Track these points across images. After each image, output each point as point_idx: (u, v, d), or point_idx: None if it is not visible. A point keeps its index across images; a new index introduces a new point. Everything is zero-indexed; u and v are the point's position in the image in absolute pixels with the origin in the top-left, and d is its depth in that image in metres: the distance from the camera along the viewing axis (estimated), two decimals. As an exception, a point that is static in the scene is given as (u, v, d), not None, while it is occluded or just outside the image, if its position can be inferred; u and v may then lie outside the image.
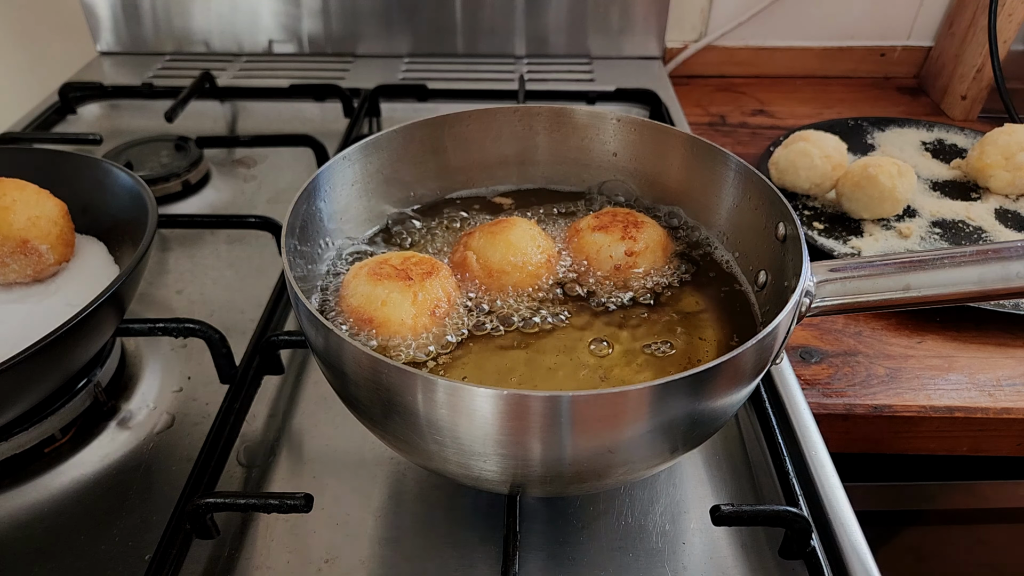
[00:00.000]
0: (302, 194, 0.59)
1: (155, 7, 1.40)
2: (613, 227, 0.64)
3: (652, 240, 0.64)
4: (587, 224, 0.66)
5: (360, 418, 0.54)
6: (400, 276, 0.57)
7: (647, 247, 0.64)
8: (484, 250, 0.62)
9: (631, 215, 0.66)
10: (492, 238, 0.62)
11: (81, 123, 1.24)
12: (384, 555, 0.58)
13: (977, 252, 0.55)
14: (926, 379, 0.78)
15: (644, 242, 0.64)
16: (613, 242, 0.63)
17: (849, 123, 1.20)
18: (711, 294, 0.63)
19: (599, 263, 0.64)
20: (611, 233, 0.64)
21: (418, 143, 0.70)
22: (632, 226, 0.64)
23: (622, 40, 1.43)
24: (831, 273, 0.56)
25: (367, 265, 0.59)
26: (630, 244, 0.63)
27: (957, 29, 1.33)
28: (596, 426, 0.44)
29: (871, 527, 0.59)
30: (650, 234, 0.64)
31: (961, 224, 0.98)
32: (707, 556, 0.58)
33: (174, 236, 0.95)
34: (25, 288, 0.71)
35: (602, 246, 0.64)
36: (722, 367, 0.43)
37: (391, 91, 1.26)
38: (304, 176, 0.84)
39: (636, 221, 0.65)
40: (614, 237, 0.63)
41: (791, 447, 0.65)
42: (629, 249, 0.63)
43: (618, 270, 0.63)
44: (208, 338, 0.70)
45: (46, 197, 0.71)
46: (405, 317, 0.55)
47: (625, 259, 0.63)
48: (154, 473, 0.64)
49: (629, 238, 0.63)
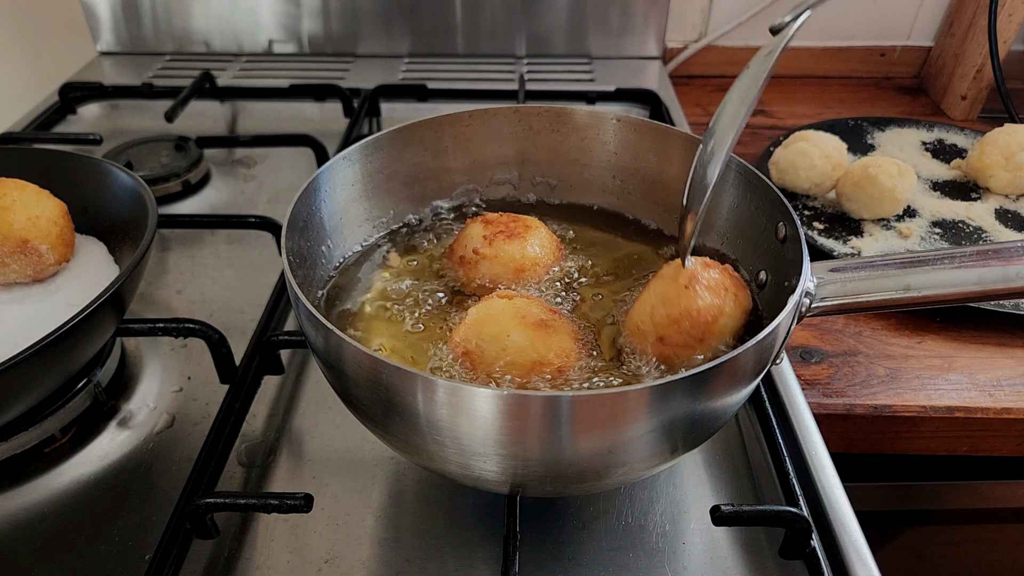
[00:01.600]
0: (302, 194, 0.59)
1: (155, 7, 1.40)
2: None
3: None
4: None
5: (360, 418, 0.54)
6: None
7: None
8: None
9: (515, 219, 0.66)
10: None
11: (81, 123, 1.24)
12: (384, 555, 0.58)
13: (977, 252, 0.55)
14: (926, 379, 0.78)
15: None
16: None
17: (849, 123, 1.20)
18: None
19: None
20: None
21: (418, 143, 0.70)
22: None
23: (622, 40, 1.43)
24: (831, 273, 0.56)
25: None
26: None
27: (957, 29, 1.33)
28: (596, 426, 0.44)
29: (871, 527, 0.59)
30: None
31: (961, 224, 0.98)
32: (707, 556, 0.58)
33: (174, 236, 0.95)
34: (25, 288, 0.71)
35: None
36: (722, 367, 0.43)
37: (391, 91, 1.26)
38: (304, 176, 0.84)
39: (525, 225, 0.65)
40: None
41: (791, 447, 0.65)
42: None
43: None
44: (208, 338, 0.70)
45: (46, 197, 0.71)
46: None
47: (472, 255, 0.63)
48: (154, 473, 0.64)
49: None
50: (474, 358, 0.53)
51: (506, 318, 0.54)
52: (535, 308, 0.55)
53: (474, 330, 0.54)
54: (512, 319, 0.54)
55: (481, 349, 0.53)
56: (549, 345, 0.53)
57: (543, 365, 0.52)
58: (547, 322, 0.54)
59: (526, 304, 0.56)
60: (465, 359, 0.54)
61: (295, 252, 0.58)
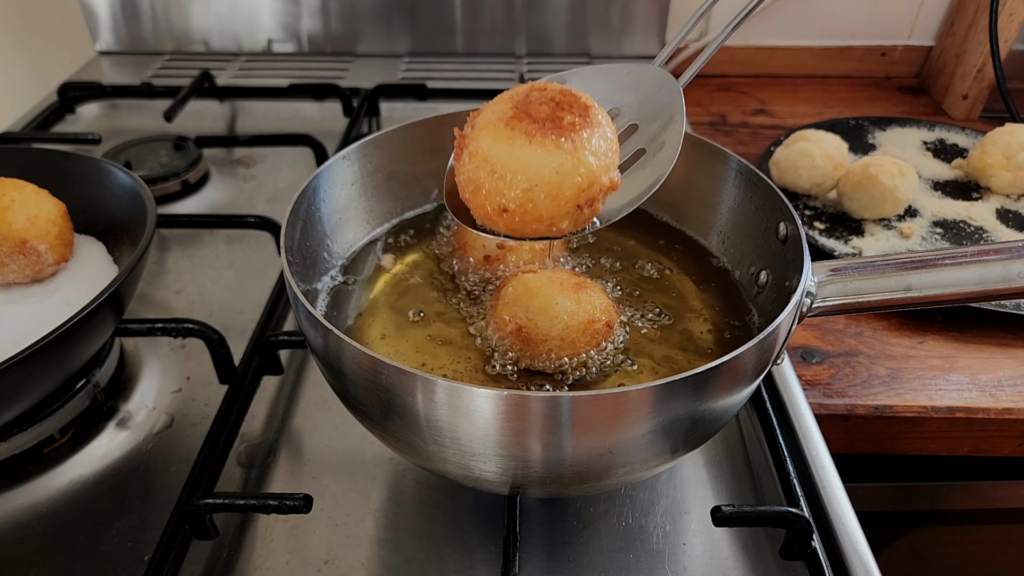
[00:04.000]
0: (301, 194, 0.59)
1: (154, 7, 1.40)
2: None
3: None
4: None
5: (360, 418, 0.54)
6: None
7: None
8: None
9: None
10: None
11: (80, 123, 1.24)
12: (384, 556, 0.58)
13: (978, 252, 0.55)
14: (927, 379, 0.78)
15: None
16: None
17: (850, 123, 1.20)
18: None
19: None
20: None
21: (418, 143, 0.70)
22: None
23: (622, 40, 1.43)
24: (832, 273, 0.55)
25: None
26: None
27: (958, 28, 1.33)
28: (596, 427, 0.44)
29: (872, 528, 0.59)
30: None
31: (962, 224, 0.98)
32: (708, 557, 0.57)
33: (173, 236, 0.95)
34: (24, 288, 0.71)
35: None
36: (723, 368, 0.43)
37: (391, 90, 1.26)
38: (304, 176, 0.84)
39: None
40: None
41: (792, 448, 0.65)
42: (500, 242, 0.63)
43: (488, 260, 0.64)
44: (207, 338, 0.70)
45: (45, 197, 0.70)
46: None
47: (496, 250, 0.64)
48: (153, 473, 0.64)
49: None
50: (529, 331, 0.54)
51: (547, 287, 0.56)
52: (564, 275, 0.58)
53: (520, 305, 0.55)
54: (553, 287, 0.56)
55: (534, 321, 0.54)
56: (593, 303, 0.55)
57: (594, 323, 0.54)
58: (581, 283, 0.57)
59: (555, 273, 0.58)
60: (518, 335, 0.55)
61: (294, 252, 0.57)
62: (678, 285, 0.65)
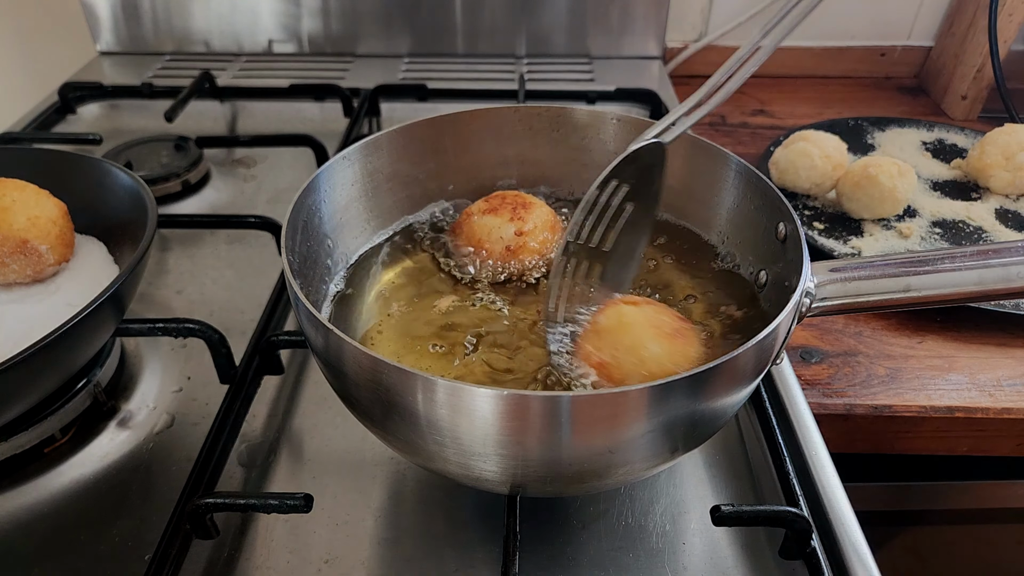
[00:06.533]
0: (302, 194, 0.59)
1: (155, 7, 1.40)
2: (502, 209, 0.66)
3: (540, 220, 0.66)
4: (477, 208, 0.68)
5: (360, 418, 0.54)
6: None
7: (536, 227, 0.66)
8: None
9: (519, 197, 0.68)
10: None
11: (81, 123, 1.24)
12: (384, 555, 0.58)
13: (977, 252, 0.55)
14: (926, 379, 0.78)
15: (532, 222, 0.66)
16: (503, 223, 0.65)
17: (849, 123, 1.20)
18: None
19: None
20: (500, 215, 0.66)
21: (418, 143, 0.70)
22: (520, 207, 0.67)
23: (622, 40, 1.43)
24: (831, 273, 0.56)
25: None
26: (519, 225, 0.65)
27: (957, 29, 1.33)
28: (596, 426, 0.44)
29: (871, 527, 0.59)
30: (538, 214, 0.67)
31: (961, 224, 0.98)
32: (707, 556, 0.58)
33: (174, 236, 0.95)
34: (25, 288, 0.71)
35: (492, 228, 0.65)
36: (722, 367, 0.43)
37: (391, 91, 1.26)
38: (304, 176, 0.84)
39: (524, 203, 0.67)
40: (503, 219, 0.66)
41: (791, 447, 0.65)
42: (518, 229, 0.64)
43: (509, 250, 0.65)
44: (208, 338, 0.70)
45: (46, 197, 0.70)
46: None
47: (515, 239, 0.65)
48: (154, 473, 0.64)
49: (518, 219, 0.65)
50: (611, 369, 0.52)
51: (641, 328, 0.53)
52: (666, 316, 0.54)
53: (608, 340, 0.53)
54: (648, 329, 0.53)
55: (618, 360, 0.52)
56: (686, 355, 0.52)
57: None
58: (680, 331, 0.54)
59: (656, 312, 0.55)
60: (601, 370, 0.53)
61: (295, 252, 0.58)
62: (674, 280, 0.65)
